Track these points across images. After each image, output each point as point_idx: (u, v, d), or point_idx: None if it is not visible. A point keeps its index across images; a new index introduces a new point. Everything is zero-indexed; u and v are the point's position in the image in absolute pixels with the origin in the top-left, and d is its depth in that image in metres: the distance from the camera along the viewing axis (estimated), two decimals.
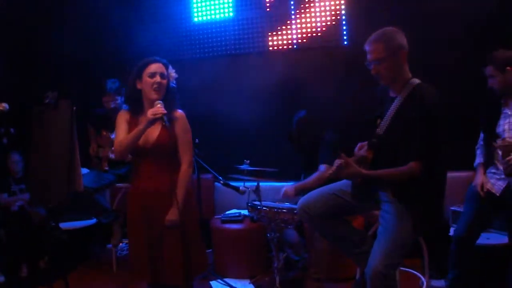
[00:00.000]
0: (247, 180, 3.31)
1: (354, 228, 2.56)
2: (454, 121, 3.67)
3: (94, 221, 4.15)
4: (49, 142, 2.40)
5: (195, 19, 4.71)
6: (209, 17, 4.66)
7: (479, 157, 3.12)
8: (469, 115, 3.19)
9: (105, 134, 3.93)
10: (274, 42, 4.46)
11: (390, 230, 2.20)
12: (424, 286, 3.04)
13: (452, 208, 3.51)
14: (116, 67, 4.28)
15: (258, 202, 3.09)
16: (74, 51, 4.54)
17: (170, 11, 4.73)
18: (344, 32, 4.30)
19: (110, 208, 4.04)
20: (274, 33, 4.45)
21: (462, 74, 3.80)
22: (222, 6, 4.59)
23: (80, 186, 2.48)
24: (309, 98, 4.21)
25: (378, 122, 2.31)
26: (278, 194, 3.48)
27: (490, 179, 2.96)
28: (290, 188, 3.40)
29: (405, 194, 2.21)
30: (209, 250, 3.92)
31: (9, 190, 4.12)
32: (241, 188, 3.35)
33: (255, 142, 4.31)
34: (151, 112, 2.36)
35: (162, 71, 2.50)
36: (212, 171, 3.69)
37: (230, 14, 4.60)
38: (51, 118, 2.40)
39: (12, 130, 2.90)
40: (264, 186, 3.25)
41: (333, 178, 2.19)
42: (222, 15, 4.61)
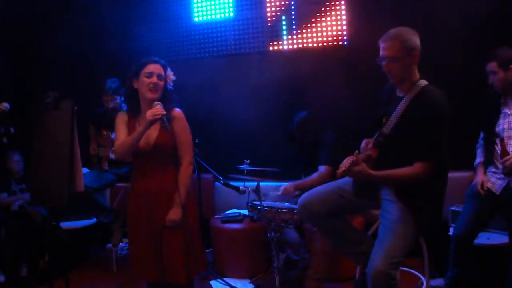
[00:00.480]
0: (247, 180, 3.31)
1: (353, 227, 2.56)
2: (453, 121, 3.70)
3: (94, 220, 4.16)
4: (49, 142, 2.40)
5: (196, 19, 4.71)
6: (209, 17, 4.66)
7: (479, 156, 3.13)
8: (469, 115, 3.19)
9: (105, 133, 3.93)
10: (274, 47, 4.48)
11: (392, 229, 2.21)
12: (423, 286, 3.04)
13: (451, 208, 3.52)
14: (116, 67, 4.29)
15: (258, 202, 3.09)
16: (74, 51, 4.54)
17: (170, 11, 4.73)
18: (344, 32, 4.30)
19: (110, 207, 4.04)
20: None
21: (462, 74, 3.81)
22: (222, 6, 4.60)
23: (81, 186, 2.48)
24: (309, 98, 4.21)
25: (384, 121, 2.32)
26: (277, 191, 3.48)
27: (490, 178, 2.96)
28: (290, 185, 3.40)
29: (408, 193, 2.22)
30: (209, 250, 3.93)
31: (9, 189, 4.13)
32: (241, 188, 3.36)
33: (255, 142, 4.32)
34: (150, 113, 2.36)
35: (159, 72, 2.49)
36: (212, 171, 3.69)
37: (231, 14, 4.60)
38: (52, 118, 2.40)
39: (12, 130, 2.90)
40: (264, 185, 3.25)
41: (342, 176, 2.19)
42: (222, 15, 4.62)
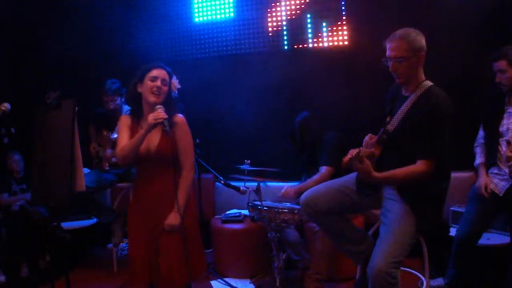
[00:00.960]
0: (248, 180, 3.32)
1: (355, 226, 2.57)
2: (454, 120, 3.70)
3: (94, 220, 4.16)
4: (51, 142, 2.40)
5: (196, 19, 4.71)
6: (210, 17, 4.67)
7: (480, 156, 3.11)
8: (468, 115, 3.19)
9: (105, 134, 3.93)
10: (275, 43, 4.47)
11: (393, 228, 2.21)
12: (423, 286, 3.04)
13: (452, 208, 3.52)
14: (117, 67, 4.30)
15: (258, 202, 3.09)
16: (75, 52, 4.55)
17: (170, 12, 4.73)
18: (344, 32, 4.30)
19: (111, 207, 4.05)
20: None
21: (461, 73, 3.81)
22: (223, 6, 4.60)
23: (82, 186, 2.48)
24: (310, 98, 4.21)
25: (388, 119, 2.33)
26: (278, 192, 3.49)
27: (492, 179, 2.95)
28: (290, 189, 3.40)
29: (410, 193, 2.23)
30: (209, 250, 3.93)
31: (10, 190, 4.13)
32: (241, 188, 3.36)
33: (256, 142, 4.32)
34: (152, 116, 2.36)
35: (164, 77, 2.50)
36: (212, 171, 3.70)
37: (231, 14, 4.60)
38: (53, 118, 2.40)
39: (13, 130, 2.90)
40: (264, 186, 3.25)
41: (346, 167, 2.21)
42: (223, 15, 4.62)
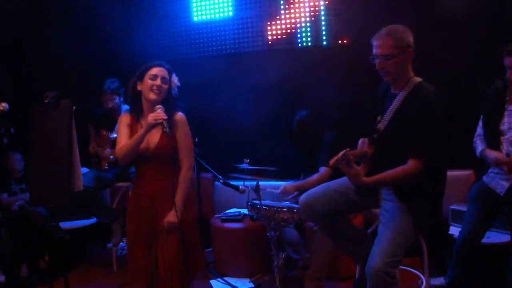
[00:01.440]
0: (247, 179, 3.31)
1: (354, 226, 2.57)
2: (453, 119, 3.69)
3: (94, 220, 4.16)
4: (49, 142, 2.40)
5: (195, 18, 4.71)
6: (208, 16, 4.66)
7: (481, 145, 3.02)
8: (467, 113, 3.19)
9: (104, 133, 3.93)
10: (273, 37, 4.46)
11: (391, 228, 2.21)
12: (423, 285, 3.04)
13: (451, 207, 3.51)
14: (115, 67, 4.29)
15: (257, 201, 3.09)
16: (73, 50, 4.54)
17: (169, 11, 4.73)
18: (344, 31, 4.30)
19: (110, 207, 4.05)
20: (273, 29, 4.44)
21: (460, 72, 3.80)
22: (221, 5, 4.60)
23: (80, 185, 2.48)
24: (308, 97, 4.21)
25: (379, 119, 2.33)
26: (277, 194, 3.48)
27: (493, 179, 2.94)
28: (289, 186, 3.40)
29: (406, 192, 2.22)
30: (209, 249, 3.93)
31: (9, 190, 4.13)
32: (240, 187, 3.35)
33: (255, 141, 4.32)
34: (152, 117, 2.37)
35: (164, 75, 2.51)
36: (212, 170, 3.69)
37: (230, 13, 4.60)
38: (51, 117, 2.40)
39: (12, 130, 2.90)
40: (263, 185, 3.25)
41: (335, 167, 2.20)
42: (221, 14, 4.61)
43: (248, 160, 3.40)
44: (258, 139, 4.34)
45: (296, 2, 4.35)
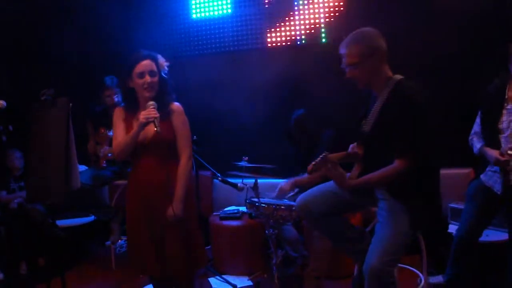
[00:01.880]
0: (246, 176, 3.30)
1: (352, 225, 2.55)
2: (452, 117, 3.68)
3: (92, 218, 4.15)
4: (46, 140, 2.39)
5: (194, 16, 4.70)
6: (207, 13, 4.65)
7: (478, 142, 3.00)
8: (467, 111, 3.17)
9: (103, 131, 3.92)
10: (273, 39, 4.46)
11: (387, 227, 2.20)
12: (422, 283, 3.03)
13: (451, 205, 3.51)
14: (114, 65, 4.28)
15: (256, 199, 3.09)
16: (71, 48, 4.53)
17: (168, 8, 4.72)
18: (344, 29, 4.28)
19: (109, 205, 4.04)
20: (273, 30, 4.44)
21: (460, 71, 3.79)
22: (220, 2, 4.58)
23: (77, 183, 2.47)
24: (307, 95, 4.20)
25: (364, 122, 2.31)
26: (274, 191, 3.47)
27: (491, 178, 2.92)
28: (286, 184, 3.39)
29: (399, 191, 2.20)
30: (207, 247, 3.92)
31: (8, 187, 4.13)
32: (239, 185, 3.35)
33: (254, 139, 4.31)
34: (143, 115, 2.34)
35: (151, 69, 2.44)
36: (210, 168, 3.69)
37: (229, 11, 4.59)
38: (48, 115, 2.39)
39: (10, 128, 2.90)
40: (262, 183, 3.24)
41: (311, 171, 2.18)
42: (220, 12, 4.60)
43: (246, 158, 3.39)
44: (257, 137, 4.33)
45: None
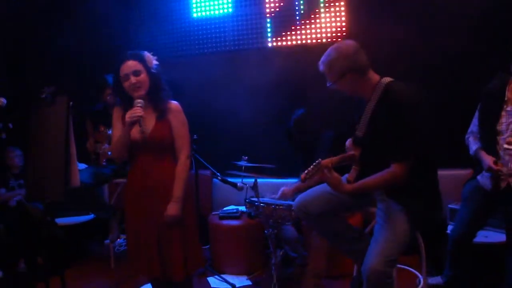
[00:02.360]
0: (245, 176, 3.31)
1: (351, 225, 2.55)
2: (452, 117, 3.68)
3: (91, 216, 4.15)
4: (45, 138, 2.39)
5: (194, 15, 4.70)
6: (208, 13, 4.65)
7: (474, 144, 2.99)
8: (466, 112, 3.17)
9: (102, 129, 3.92)
10: (273, 42, 4.47)
11: (386, 227, 2.20)
12: (421, 284, 3.03)
13: (450, 206, 3.51)
14: (114, 64, 4.28)
15: (255, 199, 3.09)
16: (71, 47, 4.53)
17: (168, 7, 4.73)
18: (344, 28, 4.28)
19: (108, 203, 4.04)
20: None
21: (459, 71, 3.79)
22: (221, 2, 4.59)
23: (76, 182, 2.47)
24: (308, 95, 4.19)
25: (357, 127, 2.31)
26: (275, 192, 3.48)
27: (487, 179, 2.91)
28: (288, 189, 3.39)
29: (397, 192, 2.20)
30: (206, 246, 3.93)
31: (7, 185, 4.12)
32: (239, 184, 3.35)
33: (253, 139, 4.31)
34: (128, 115, 2.34)
35: (134, 69, 2.40)
36: (210, 167, 3.69)
37: (229, 10, 4.59)
38: (48, 113, 2.40)
39: (10, 126, 2.89)
40: (261, 182, 3.24)
41: (304, 180, 2.16)
42: (221, 11, 4.60)
43: (246, 157, 3.39)
44: (257, 136, 4.33)
45: None
